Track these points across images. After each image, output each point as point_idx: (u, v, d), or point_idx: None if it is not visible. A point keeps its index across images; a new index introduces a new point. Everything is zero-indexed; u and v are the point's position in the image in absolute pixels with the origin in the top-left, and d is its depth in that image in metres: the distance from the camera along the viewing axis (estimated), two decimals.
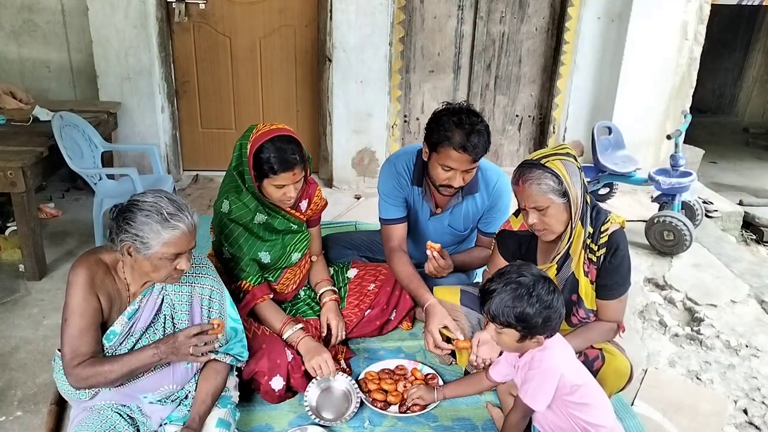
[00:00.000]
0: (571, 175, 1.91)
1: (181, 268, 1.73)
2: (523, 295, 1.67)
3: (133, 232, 1.64)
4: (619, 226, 2.01)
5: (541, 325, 1.68)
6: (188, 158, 4.73)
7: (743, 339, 2.93)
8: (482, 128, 2.26)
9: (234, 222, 2.26)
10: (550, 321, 1.69)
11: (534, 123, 4.94)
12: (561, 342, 1.78)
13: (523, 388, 1.76)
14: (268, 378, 2.12)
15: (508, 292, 1.68)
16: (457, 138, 2.23)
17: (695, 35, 4.59)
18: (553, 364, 1.71)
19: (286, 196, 2.19)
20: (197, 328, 1.81)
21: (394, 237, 2.57)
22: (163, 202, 1.68)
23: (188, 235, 1.70)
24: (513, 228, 2.17)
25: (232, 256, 2.30)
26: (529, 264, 1.81)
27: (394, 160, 2.60)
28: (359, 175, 4.60)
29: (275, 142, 2.11)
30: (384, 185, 2.58)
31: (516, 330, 1.70)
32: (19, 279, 3.14)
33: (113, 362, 1.72)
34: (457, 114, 2.27)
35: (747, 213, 4.62)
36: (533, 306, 1.66)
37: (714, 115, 8.06)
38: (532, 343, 1.73)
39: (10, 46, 4.43)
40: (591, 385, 1.79)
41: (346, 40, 4.22)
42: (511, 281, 1.70)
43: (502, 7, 4.53)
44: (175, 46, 4.39)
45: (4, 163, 2.90)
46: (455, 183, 2.33)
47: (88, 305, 1.71)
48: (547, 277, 1.75)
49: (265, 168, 2.12)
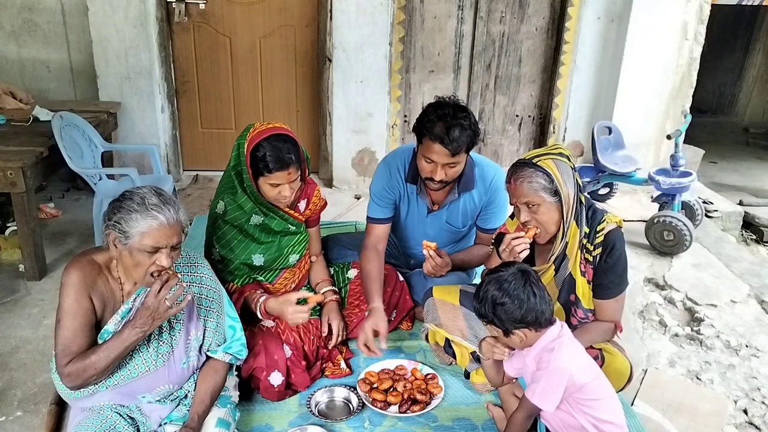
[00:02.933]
0: (562, 173, 1.92)
1: (161, 263, 1.69)
2: (495, 291, 1.70)
3: (115, 220, 1.65)
4: (616, 226, 2.01)
5: (518, 320, 1.69)
6: (188, 158, 4.73)
7: (743, 339, 2.93)
8: (466, 124, 2.25)
9: (228, 223, 2.26)
10: (526, 316, 1.69)
11: (534, 123, 4.94)
12: (569, 339, 1.77)
13: (530, 387, 1.76)
14: (266, 373, 2.13)
15: (487, 291, 1.72)
16: (437, 130, 2.23)
17: (695, 35, 4.59)
18: (562, 364, 1.70)
19: (281, 195, 2.19)
20: (157, 284, 1.67)
21: (372, 235, 2.59)
22: (149, 194, 1.68)
23: (167, 229, 1.67)
24: (510, 230, 2.18)
25: (222, 258, 2.30)
26: (515, 262, 1.82)
27: (390, 159, 2.61)
28: (359, 175, 4.60)
29: (271, 140, 2.12)
30: (375, 184, 2.59)
31: (494, 325, 1.73)
32: (19, 279, 3.14)
33: (97, 352, 1.69)
34: (443, 107, 2.28)
35: (747, 213, 4.62)
36: (505, 302, 1.68)
37: (714, 115, 8.06)
38: (519, 338, 1.73)
39: (10, 46, 4.43)
40: (601, 380, 1.78)
41: (346, 40, 4.22)
42: (491, 280, 1.73)
43: (502, 7, 4.53)
44: (175, 46, 4.39)
45: (4, 163, 2.90)
46: (437, 176, 2.32)
47: (80, 306, 1.70)
48: (526, 272, 1.74)
49: (260, 166, 2.13)
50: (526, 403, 1.77)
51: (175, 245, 1.71)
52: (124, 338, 1.70)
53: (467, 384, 2.31)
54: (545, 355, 1.73)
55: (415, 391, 2.18)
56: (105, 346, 1.70)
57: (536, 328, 1.73)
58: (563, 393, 1.70)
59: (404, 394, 2.18)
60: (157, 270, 1.69)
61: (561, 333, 1.75)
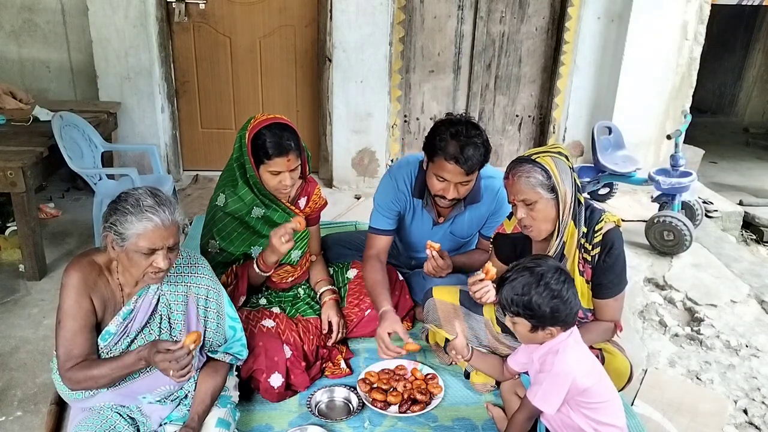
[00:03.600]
0: (560, 171, 1.93)
1: (158, 265, 1.68)
2: (531, 284, 1.67)
3: (111, 222, 1.65)
4: (614, 225, 2.02)
5: (549, 315, 1.67)
6: (188, 158, 4.73)
7: (743, 339, 2.93)
8: (479, 142, 2.23)
9: (229, 215, 2.28)
10: (559, 312, 1.67)
11: (534, 123, 4.94)
12: (575, 342, 1.75)
13: (532, 389, 1.76)
14: (266, 375, 2.13)
15: (519, 281, 1.68)
16: (450, 149, 2.21)
17: (695, 35, 4.59)
18: (565, 367, 1.68)
19: (282, 185, 2.21)
20: (168, 344, 1.66)
21: (375, 246, 2.56)
22: (144, 195, 1.67)
23: (163, 231, 1.66)
24: (506, 231, 2.19)
25: (221, 250, 2.31)
26: (546, 256, 1.80)
27: (395, 171, 2.57)
28: (359, 175, 4.60)
29: (271, 128, 2.17)
30: (381, 197, 2.57)
31: (525, 319, 1.70)
32: (19, 279, 3.14)
33: (102, 367, 1.70)
34: (455, 125, 2.25)
35: (747, 213, 4.62)
36: (540, 295, 1.65)
37: (714, 115, 8.06)
38: (546, 335, 1.71)
39: (10, 46, 4.43)
40: (604, 383, 1.76)
41: (346, 40, 4.22)
42: (522, 270, 1.70)
43: (502, 7, 4.52)
44: (175, 46, 4.39)
45: (4, 163, 2.90)
46: (449, 195, 2.31)
47: (80, 307, 1.70)
48: (561, 268, 1.73)
49: (261, 153, 2.16)
50: (528, 404, 1.76)
51: (172, 246, 1.71)
52: (128, 365, 1.72)
53: (467, 384, 2.31)
54: (550, 357, 1.72)
55: (415, 391, 2.18)
56: (108, 366, 1.71)
57: (565, 327, 1.72)
58: (565, 395, 1.70)
59: (404, 394, 2.18)
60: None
61: (569, 335, 1.74)
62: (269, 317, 2.32)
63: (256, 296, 2.47)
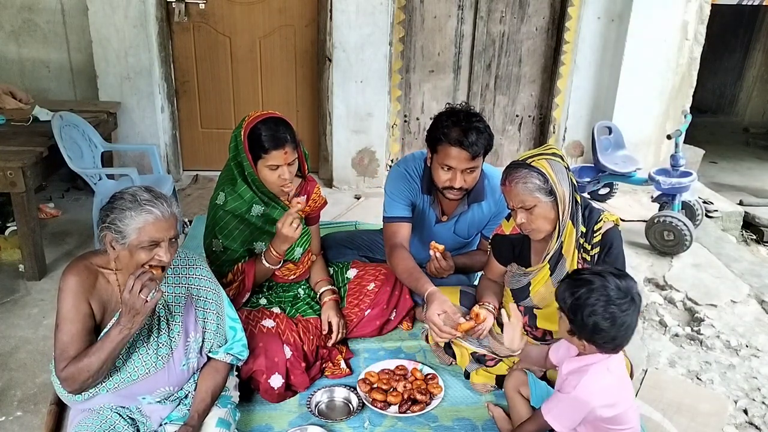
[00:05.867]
0: (556, 173, 1.93)
1: (161, 257, 1.68)
2: (592, 292, 1.59)
3: (109, 221, 1.65)
4: (613, 224, 2.02)
5: (589, 330, 1.60)
6: (188, 158, 4.73)
7: (743, 339, 2.93)
8: (481, 126, 2.25)
9: (229, 213, 2.28)
10: (600, 333, 1.59)
11: (534, 123, 4.94)
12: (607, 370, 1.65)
13: (548, 404, 1.73)
14: (266, 376, 2.12)
15: (584, 282, 1.62)
16: (453, 134, 2.23)
17: (695, 35, 4.59)
18: (586, 396, 1.62)
19: (280, 179, 2.21)
20: (131, 281, 1.63)
21: (398, 234, 2.49)
22: (140, 191, 1.68)
23: (163, 222, 1.66)
24: (505, 232, 2.19)
25: (224, 248, 2.31)
26: (628, 275, 1.69)
27: (403, 165, 2.57)
28: (359, 175, 4.60)
29: (266, 122, 2.19)
30: (393, 185, 2.55)
31: (567, 320, 1.66)
32: (19, 279, 3.14)
33: (89, 354, 1.68)
34: (456, 114, 2.28)
35: (747, 213, 4.62)
36: (592, 308, 1.58)
37: (714, 115, 8.06)
38: (581, 345, 1.67)
39: (10, 46, 4.43)
40: (629, 413, 1.69)
41: (346, 40, 4.22)
42: (597, 275, 1.62)
43: (502, 7, 4.52)
44: (175, 46, 4.39)
45: (4, 163, 2.90)
46: (456, 184, 2.31)
47: (78, 311, 1.70)
48: (635, 296, 1.62)
49: (258, 147, 2.17)
50: (539, 417, 1.74)
51: (173, 238, 1.71)
52: (112, 338, 1.67)
53: (467, 384, 2.31)
54: (575, 376, 1.66)
55: (415, 391, 2.18)
56: (95, 348, 1.68)
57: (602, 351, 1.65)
58: (580, 421, 1.66)
59: (404, 394, 2.18)
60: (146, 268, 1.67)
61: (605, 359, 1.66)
62: (269, 317, 2.32)
63: (256, 296, 2.47)
